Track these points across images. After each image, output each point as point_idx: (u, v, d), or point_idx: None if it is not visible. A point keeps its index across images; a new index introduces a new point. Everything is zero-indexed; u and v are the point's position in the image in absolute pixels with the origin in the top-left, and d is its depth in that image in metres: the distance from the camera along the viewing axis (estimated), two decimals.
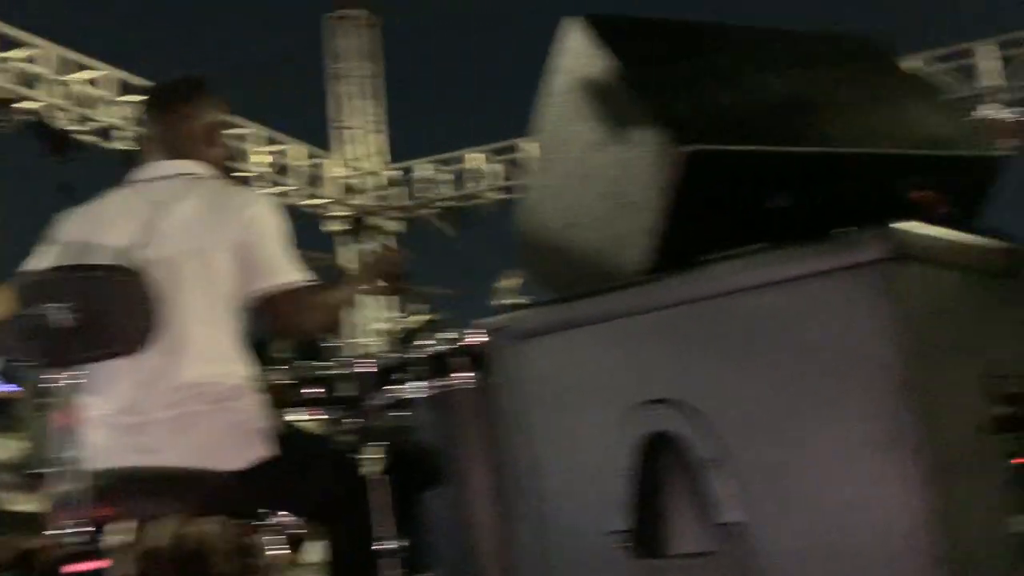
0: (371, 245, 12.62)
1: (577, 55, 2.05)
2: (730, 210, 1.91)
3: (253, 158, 11.55)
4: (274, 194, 11.71)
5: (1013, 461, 1.80)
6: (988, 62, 11.77)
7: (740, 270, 1.78)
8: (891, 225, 1.66)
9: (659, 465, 1.85)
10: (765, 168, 1.89)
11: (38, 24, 9.35)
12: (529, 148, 12.06)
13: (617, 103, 1.96)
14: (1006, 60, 11.70)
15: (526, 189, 2.21)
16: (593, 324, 1.95)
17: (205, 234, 2.60)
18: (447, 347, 3.27)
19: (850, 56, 2.27)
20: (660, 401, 1.83)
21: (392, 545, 3.07)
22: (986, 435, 1.77)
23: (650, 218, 1.88)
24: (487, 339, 2.33)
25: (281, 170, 11.97)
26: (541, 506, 2.01)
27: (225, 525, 2.16)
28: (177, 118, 2.84)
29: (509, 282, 4.68)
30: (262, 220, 2.65)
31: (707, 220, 1.92)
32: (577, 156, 2.07)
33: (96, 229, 2.71)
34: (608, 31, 2.01)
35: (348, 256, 13.11)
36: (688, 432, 1.79)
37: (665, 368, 1.85)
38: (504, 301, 4.45)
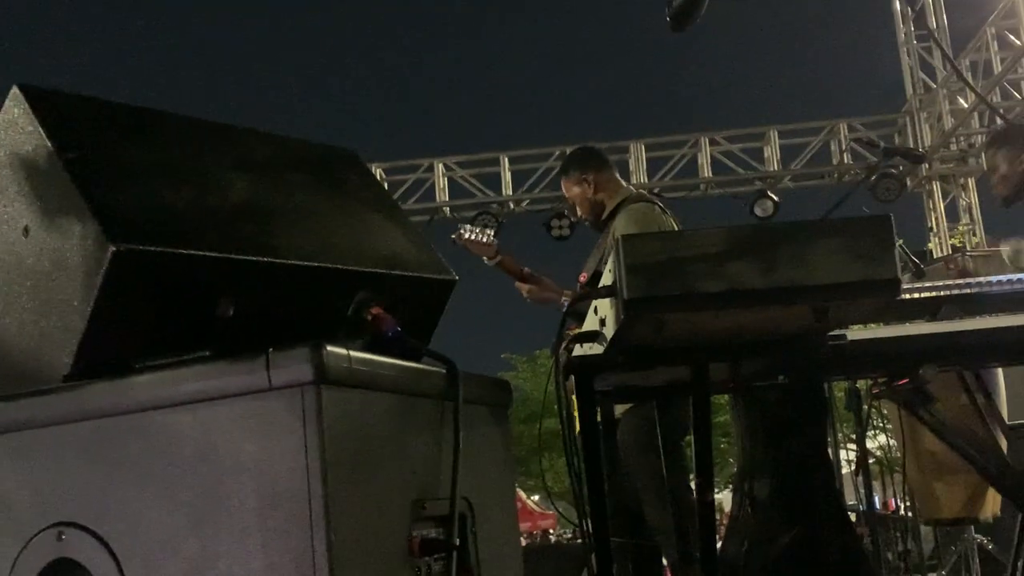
0: None
1: (14, 128, 1.83)
2: (169, 315, 1.78)
3: None
4: None
5: None
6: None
7: (162, 383, 1.65)
8: (323, 344, 1.61)
9: None
10: (208, 273, 1.78)
11: None
12: None
13: (52, 187, 1.77)
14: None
15: None
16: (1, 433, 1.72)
17: None
18: None
19: (322, 166, 2.25)
20: (64, 524, 1.63)
21: None
22: (412, 558, 1.77)
23: (76, 319, 1.70)
24: None
25: None
26: None
27: None
28: None
29: None
30: None
31: (143, 324, 1.77)
32: (7, 240, 1.84)
33: None
34: (51, 107, 1.83)
35: None
36: (92, 561, 1.61)
37: (73, 488, 1.66)
38: None
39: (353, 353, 1.65)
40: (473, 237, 4.26)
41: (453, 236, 4.35)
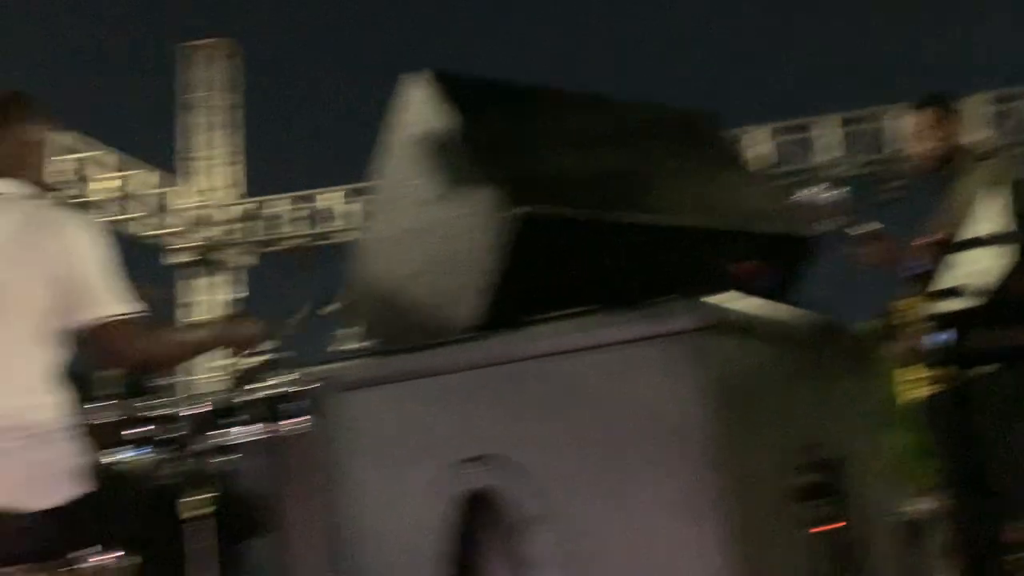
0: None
1: (418, 110, 2.07)
2: (558, 273, 1.95)
3: (96, 184, 11.15)
4: (117, 221, 11.32)
5: (813, 529, 1.88)
6: (827, 137, 12.51)
7: (564, 332, 1.82)
8: (705, 296, 1.73)
9: (478, 522, 1.86)
10: (594, 234, 1.94)
11: None
12: None
13: (454, 160, 1.98)
14: (846, 135, 12.46)
15: (363, 239, 2.20)
16: (419, 378, 1.96)
17: (18, 263, 2.48)
18: (278, 392, 3.22)
19: (682, 129, 2.36)
20: (481, 458, 1.84)
21: None
22: (790, 503, 1.85)
23: (480, 277, 1.90)
24: (313, 389, 2.30)
25: (126, 197, 11.59)
26: (359, 559, 1.98)
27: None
28: None
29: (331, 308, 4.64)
30: (83, 247, 2.54)
31: (535, 282, 1.95)
32: (414, 210, 2.08)
33: None
34: (451, 88, 2.04)
35: (190, 291, 12.75)
36: (507, 490, 1.80)
37: (488, 425, 1.87)
38: (340, 348, 4.42)
39: (737, 304, 1.74)
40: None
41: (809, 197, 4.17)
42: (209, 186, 13.05)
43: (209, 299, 12.77)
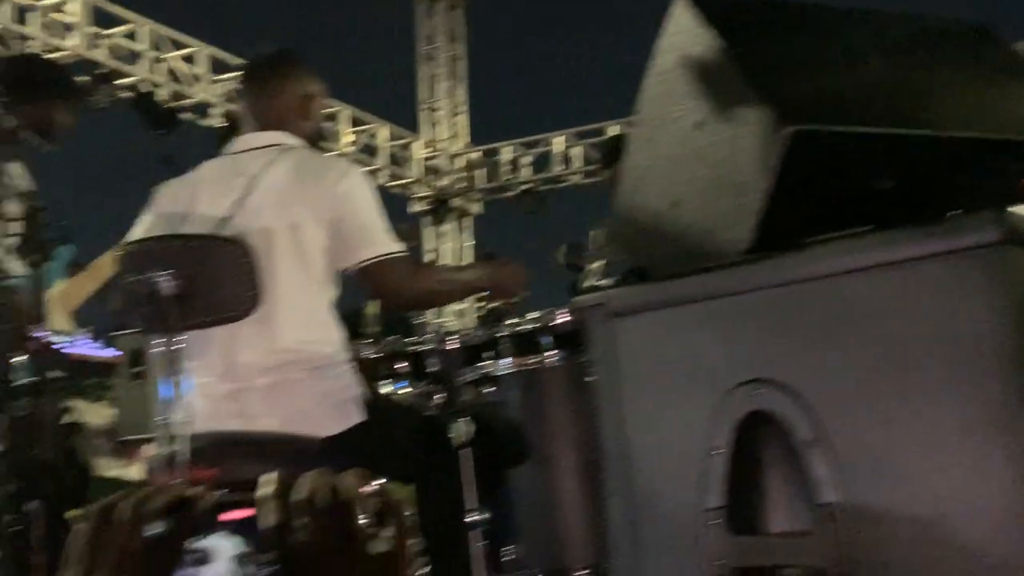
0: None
1: (683, 33, 2.05)
2: (833, 192, 1.90)
3: (345, 138, 11.72)
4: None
5: None
6: None
7: (843, 252, 1.77)
8: (1001, 208, 1.64)
9: (756, 444, 1.86)
10: (870, 150, 1.87)
11: (135, 1, 9.61)
12: (613, 130, 12.06)
13: (722, 82, 1.95)
14: None
15: (625, 168, 2.21)
16: (692, 303, 1.96)
17: (297, 207, 2.65)
18: (535, 326, 3.31)
19: (959, 41, 2.23)
20: (758, 381, 1.83)
21: (476, 517, 3.13)
22: None
23: (754, 198, 1.87)
24: (580, 316, 2.35)
25: (367, 150, 12.10)
26: (632, 483, 2.02)
27: (364, 477, 2.18)
28: (270, 90, 2.90)
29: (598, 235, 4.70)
30: (355, 192, 2.69)
31: (810, 201, 1.91)
32: (680, 135, 2.07)
33: (193, 200, 2.79)
34: (714, 9, 2.01)
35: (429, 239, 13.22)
36: (786, 412, 1.79)
37: (764, 349, 1.85)
38: (591, 281, 4.48)
39: None
40: None
41: None
42: (439, 137, 13.44)
43: (442, 247, 13.22)
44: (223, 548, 0.83)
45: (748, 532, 1.83)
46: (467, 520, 3.14)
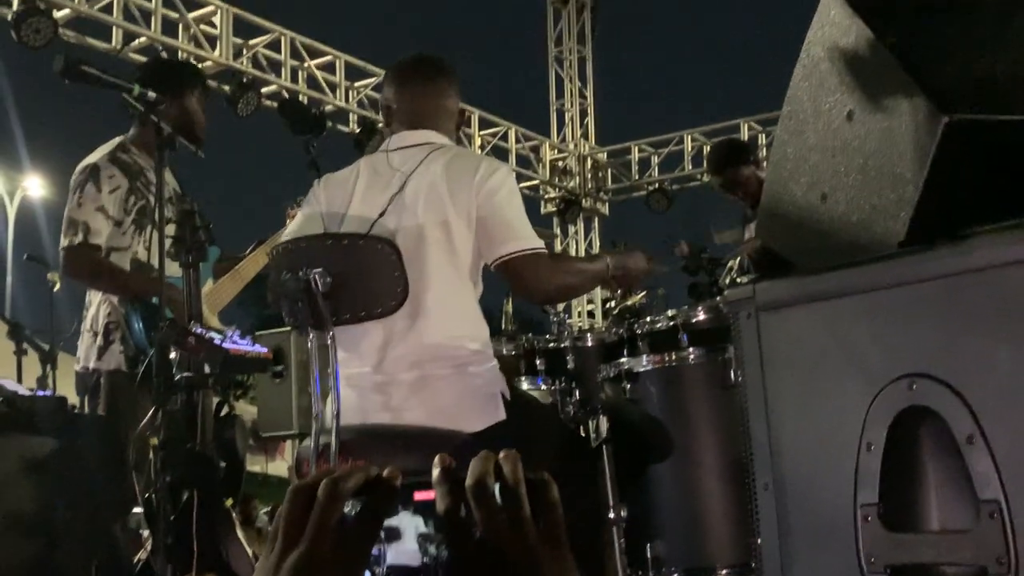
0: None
1: (833, 25, 2.02)
2: (993, 182, 1.85)
3: (478, 140, 11.88)
4: None
5: None
6: None
7: (1006, 243, 1.72)
8: None
9: (913, 440, 1.82)
10: None
11: (274, 11, 9.95)
12: (745, 129, 11.87)
13: (876, 72, 1.92)
14: None
15: (774, 161, 2.19)
16: (846, 297, 1.93)
17: (447, 204, 2.72)
18: (672, 323, 3.31)
19: None
20: (915, 375, 1.79)
21: (617, 513, 3.14)
22: None
23: (909, 190, 1.83)
24: (726, 312, 2.34)
25: (497, 152, 12.23)
26: (783, 479, 2.00)
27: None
28: (424, 92, 2.98)
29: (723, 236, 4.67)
30: (501, 190, 2.75)
31: (967, 191, 1.86)
32: (832, 127, 2.04)
33: (347, 199, 2.88)
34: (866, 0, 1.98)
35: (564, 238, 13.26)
36: (945, 407, 1.75)
37: (921, 343, 1.81)
38: (733, 277, 4.44)
39: None
40: None
41: None
42: (568, 137, 13.47)
43: (571, 248, 13.24)
44: (411, 526, 0.87)
45: (905, 529, 1.80)
46: (608, 517, 3.16)
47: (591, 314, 12.90)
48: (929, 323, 1.81)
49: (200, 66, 9.03)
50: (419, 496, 0.88)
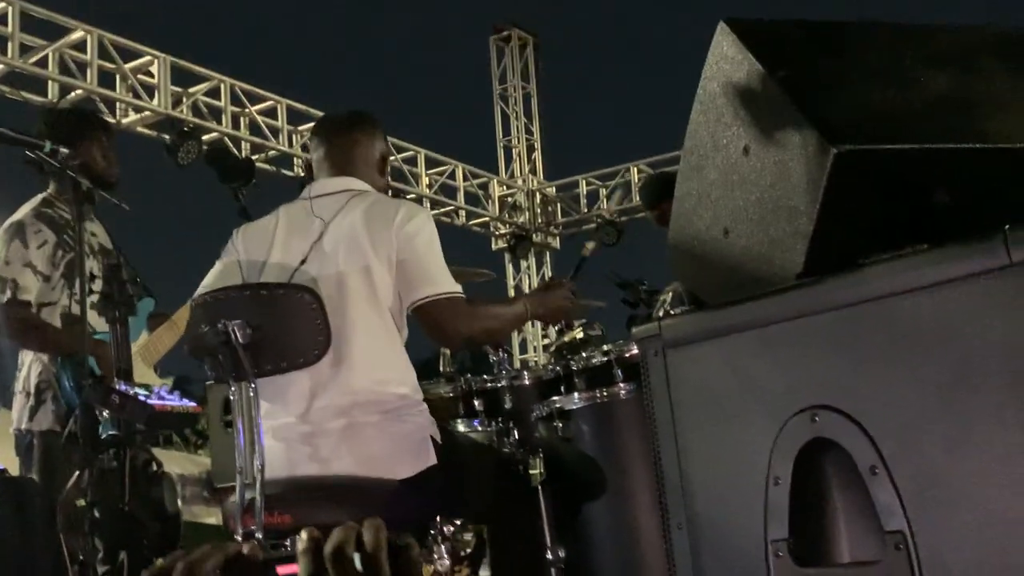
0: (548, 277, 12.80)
1: (725, 60, 2.04)
2: (885, 211, 1.86)
3: (425, 179, 11.88)
4: (441, 214, 12.00)
5: None
6: None
7: (900, 271, 1.73)
8: None
9: (818, 472, 1.82)
10: (920, 167, 1.82)
11: (212, 59, 9.92)
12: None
13: (767, 106, 1.94)
14: None
15: (677, 197, 2.20)
16: (747, 331, 1.93)
17: (368, 250, 2.70)
18: (605, 359, 3.29)
19: (1011, 49, 2.17)
20: (818, 407, 1.79)
21: (555, 555, 3.11)
22: None
23: (804, 221, 1.84)
24: (638, 348, 2.33)
25: (445, 190, 12.24)
26: (694, 516, 1.99)
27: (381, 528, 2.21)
28: (346, 142, 2.98)
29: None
30: (420, 234, 2.74)
31: (862, 221, 1.87)
32: (729, 162, 2.06)
33: (267, 247, 2.86)
34: (756, 34, 2.00)
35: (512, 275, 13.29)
36: (848, 438, 1.75)
37: (822, 374, 1.81)
38: (666, 309, 4.45)
39: None
40: None
41: None
42: (516, 173, 13.53)
43: (523, 284, 13.27)
44: None
45: (815, 563, 1.79)
46: (546, 558, 3.13)
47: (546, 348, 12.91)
48: (828, 354, 1.81)
49: (139, 116, 8.98)
50: (282, 571, 0.86)
